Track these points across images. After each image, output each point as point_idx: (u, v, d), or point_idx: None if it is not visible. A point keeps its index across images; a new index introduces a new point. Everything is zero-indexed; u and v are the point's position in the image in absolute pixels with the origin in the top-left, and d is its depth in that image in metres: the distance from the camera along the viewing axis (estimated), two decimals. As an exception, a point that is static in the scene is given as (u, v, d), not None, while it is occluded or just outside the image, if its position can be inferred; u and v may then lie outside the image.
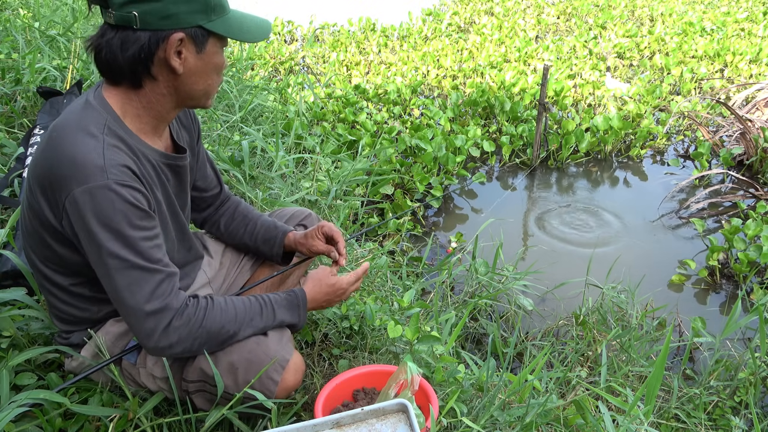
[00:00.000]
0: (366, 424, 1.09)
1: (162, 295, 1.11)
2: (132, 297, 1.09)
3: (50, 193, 1.08)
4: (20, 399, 1.17)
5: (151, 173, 1.19)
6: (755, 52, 5.62)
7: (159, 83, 1.14)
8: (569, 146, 3.88)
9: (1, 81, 2.77)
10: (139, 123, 1.17)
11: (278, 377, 1.24)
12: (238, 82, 3.63)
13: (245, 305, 1.23)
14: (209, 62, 1.16)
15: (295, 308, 1.31)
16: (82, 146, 1.05)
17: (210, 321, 1.17)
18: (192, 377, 1.26)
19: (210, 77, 1.19)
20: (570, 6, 8.58)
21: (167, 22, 1.07)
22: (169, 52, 1.09)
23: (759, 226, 2.80)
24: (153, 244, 1.11)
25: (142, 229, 1.09)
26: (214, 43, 1.15)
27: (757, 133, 3.65)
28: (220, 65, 1.19)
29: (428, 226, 3.26)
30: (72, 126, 1.08)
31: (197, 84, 1.17)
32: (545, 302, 2.53)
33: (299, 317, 1.32)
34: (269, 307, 1.27)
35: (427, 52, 6.00)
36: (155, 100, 1.16)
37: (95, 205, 1.04)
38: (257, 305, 1.25)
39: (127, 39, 1.07)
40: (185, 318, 1.13)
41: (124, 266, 1.07)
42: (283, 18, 7.57)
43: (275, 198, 2.51)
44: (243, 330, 1.22)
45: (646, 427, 1.38)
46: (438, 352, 1.60)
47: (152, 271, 1.10)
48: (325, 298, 1.39)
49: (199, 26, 1.11)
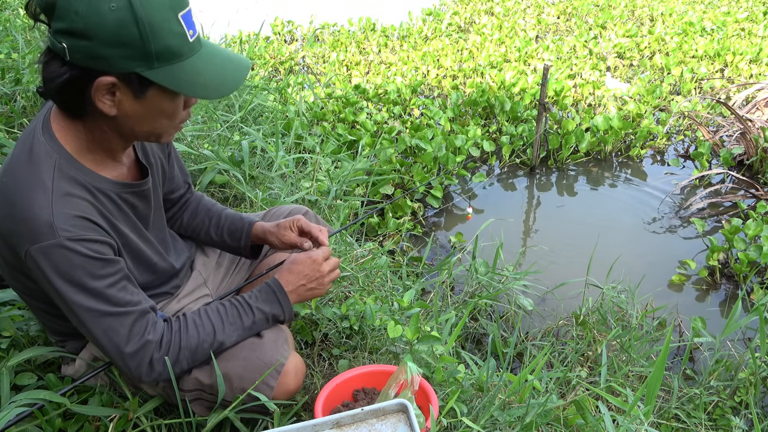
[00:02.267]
0: (366, 424, 1.09)
1: (138, 334, 1.10)
2: (110, 342, 1.08)
3: (9, 246, 1.05)
4: (20, 399, 1.17)
5: (110, 208, 1.13)
6: (755, 52, 5.61)
7: (97, 119, 1.04)
8: (569, 146, 3.88)
9: (1, 81, 2.76)
10: (92, 155, 1.09)
11: (274, 382, 1.23)
12: (238, 82, 3.62)
13: (220, 312, 1.22)
14: (152, 108, 1.02)
15: (273, 297, 1.27)
16: (31, 202, 0.99)
17: (187, 340, 1.16)
18: (188, 387, 1.26)
19: (155, 121, 1.05)
20: (570, 6, 8.57)
21: (96, 63, 0.95)
22: (95, 94, 0.97)
23: (759, 226, 2.80)
24: (119, 288, 1.09)
25: (105, 277, 1.06)
26: (158, 90, 1.00)
27: (757, 133, 3.65)
28: (169, 111, 1.04)
29: (428, 226, 3.26)
30: (21, 177, 1.01)
31: (139, 126, 1.05)
32: (545, 302, 2.53)
33: (281, 306, 1.28)
34: (245, 306, 1.24)
35: (427, 52, 6.00)
36: (99, 134, 1.07)
37: (52, 264, 1.01)
38: (233, 308, 1.23)
39: (56, 70, 0.96)
40: (164, 347, 1.13)
41: (95, 315, 1.06)
42: (283, 18, 7.57)
43: (275, 198, 2.51)
44: (227, 336, 1.21)
45: (646, 427, 1.38)
46: (438, 352, 1.60)
47: (124, 314, 1.08)
48: (300, 277, 1.31)
49: (135, 73, 0.97)
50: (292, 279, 1.31)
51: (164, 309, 1.37)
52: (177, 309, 1.38)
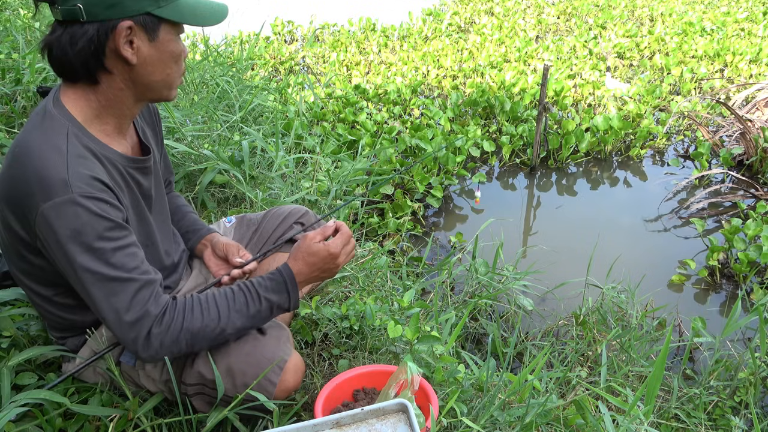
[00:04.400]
0: (366, 424, 1.09)
1: (140, 304, 1.09)
2: (110, 309, 1.07)
3: (19, 211, 1.06)
4: (20, 399, 1.17)
5: (118, 180, 1.16)
6: (755, 52, 5.62)
7: (115, 77, 1.11)
8: (569, 146, 3.88)
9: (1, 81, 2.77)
10: (102, 125, 1.15)
11: (276, 379, 1.23)
12: (238, 82, 3.63)
13: (228, 297, 1.19)
14: (164, 50, 1.12)
15: (282, 288, 1.24)
16: (46, 161, 1.03)
17: (189, 322, 1.14)
18: (190, 381, 1.26)
19: (168, 66, 1.14)
20: (570, 6, 8.57)
21: (113, 11, 1.03)
22: (119, 42, 1.06)
23: (759, 226, 2.80)
24: (126, 253, 1.08)
25: (112, 239, 1.06)
26: (167, 30, 1.11)
27: (757, 133, 3.65)
28: (177, 53, 1.15)
29: (428, 226, 3.26)
30: (35, 141, 1.05)
31: (154, 74, 1.13)
32: (545, 302, 2.53)
33: (289, 297, 1.25)
34: (253, 293, 1.21)
35: (427, 52, 6.00)
36: (114, 96, 1.13)
37: (62, 221, 1.02)
38: (241, 294, 1.21)
39: (75, 34, 1.04)
40: (164, 324, 1.11)
41: (98, 279, 1.06)
42: (283, 18, 7.57)
43: (275, 198, 2.51)
44: (230, 323, 1.18)
45: (646, 427, 1.38)
46: (438, 352, 1.60)
47: (127, 280, 1.08)
48: (313, 269, 1.29)
49: (148, 13, 1.07)
50: (306, 270, 1.27)
51: None
52: None
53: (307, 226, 1.74)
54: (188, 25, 1.13)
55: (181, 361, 1.27)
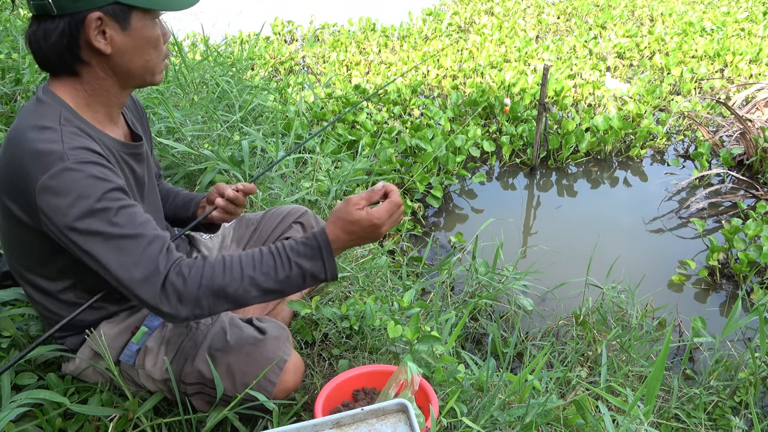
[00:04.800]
0: (366, 424, 1.09)
1: (150, 258, 1.04)
2: (121, 268, 1.03)
3: (18, 193, 1.05)
4: (20, 399, 1.17)
5: (113, 163, 1.14)
6: (755, 52, 5.62)
7: (94, 68, 1.10)
8: (569, 146, 3.88)
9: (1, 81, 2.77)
10: (93, 113, 1.14)
11: (276, 379, 1.23)
12: (238, 82, 3.63)
13: (254, 258, 1.10)
14: (139, 37, 1.10)
15: (317, 254, 1.12)
16: (40, 139, 1.03)
17: (209, 279, 1.06)
18: (190, 380, 1.26)
19: (145, 52, 1.13)
20: (570, 6, 8.57)
21: (81, 3, 1.03)
22: (90, 33, 1.05)
23: (759, 226, 2.80)
24: (130, 212, 1.06)
25: (114, 200, 1.04)
26: (140, 17, 1.09)
27: (757, 133, 3.65)
28: (154, 38, 1.13)
29: (428, 226, 3.26)
30: (28, 125, 1.06)
31: (132, 62, 1.12)
32: (545, 302, 2.53)
33: (324, 266, 1.12)
34: (283, 256, 1.11)
35: (427, 52, 6.00)
36: (98, 85, 1.13)
37: (61, 189, 1.01)
38: (270, 257, 1.11)
39: (47, 28, 1.05)
40: (181, 279, 1.05)
41: (104, 240, 1.03)
42: (283, 18, 7.57)
43: (275, 198, 2.51)
44: (255, 284, 1.09)
45: (646, 427, 1.38)
46: (438, 352, 1.60)
47: (134, 236, 1.04)
48: (352, 238, 1.15)
49: (116, 2, 1.06)
50: (344, 238, 1.14)
51: None
52: None
53: (306, 226, 1.74)
54: (160, 9, 1.12)
55: (180, 360, 1.27)
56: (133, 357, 1.28)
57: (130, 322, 1.31)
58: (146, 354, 1.29)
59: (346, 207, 1.14)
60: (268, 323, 1.33)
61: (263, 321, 1.34)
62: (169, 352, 1.29)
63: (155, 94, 2.85)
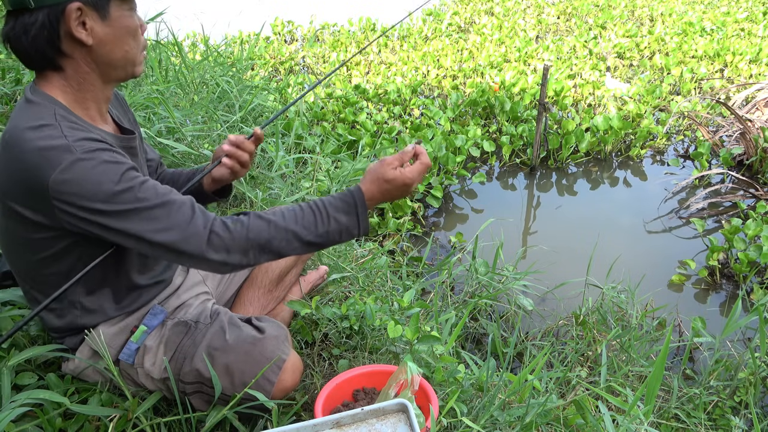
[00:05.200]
0: (366, 424, 1.09)
1: (186, 220, 1.08)
2: (162, 234, 1.06)
3: (28, 194, 1.05)
4: (20, 399, 1.17)
5: None
6: (755, 52, 5.62)
7: (77, 61, 1.10)
8: (569, 146, 3.88)
9: (1, 81, 2.77)
10: (83, 109, 1.14)
11: (274, 378, 1.23)
12: (238, 82, 3.63)
13: (296, 215, 1.17)
14: (119, 27, 1.11)
15: (351, 210, 1.20)
16: (41, 137, 1.02)
17: (255, 234, 1.12)
18: (188, 379, 1.26)
19: (125, 43, 1.13)
20: (570, 6, 8.57)
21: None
22: (71, 24, 1.05)
23: (759, 226, 2.80)
24: (149, 185, 1.07)
25: (130, 178, 1.05)
26: (117, 6, 1.10)
27: (757, 133, 3.65)
28: (133, 28, 1.14)
29: (428, 226, 3.26)
30: (24, 126, 1.05)
31: (114, 52, 1.12)
32: (545, 302, 2.53)
33: (358, 221, 1.20)
34: (323, 211, 1.18)
35: (427, 52, 6.01)
36: (82, 79, 1.12)
37: (77, 180, 1.01)
38: (310, 212, 1.17)
39: (26, 22, 1.04)
40: (226, 232, 1.10)
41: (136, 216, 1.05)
42: (283, 18, 7.57)
43: (275, 198, 2.51)
44: (298, 237, 1.15)
45: (646, 427, 1.38)
46: (438, 352, 1.60)
47: (163, 205, 1.07)
48: (385, 195, 1.25)
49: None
50: (378, 197, 1.24)
51: (164, 304, 1.37)
52: (177, 304, 1.38)
53: None
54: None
55: (179, 359, 1.27)
56: (132, 356, 1.28)
57: (129, 322, 1.31)
58: (145, 353, 1.29)
59: (381, 167, 1.23)
60: (267, 323, 1.33)
61: (262, 320, 1.34)
62: (168, 351, 1.29)
63: (155, 94, 2.85)
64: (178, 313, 1.36)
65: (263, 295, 1.67)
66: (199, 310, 1.37)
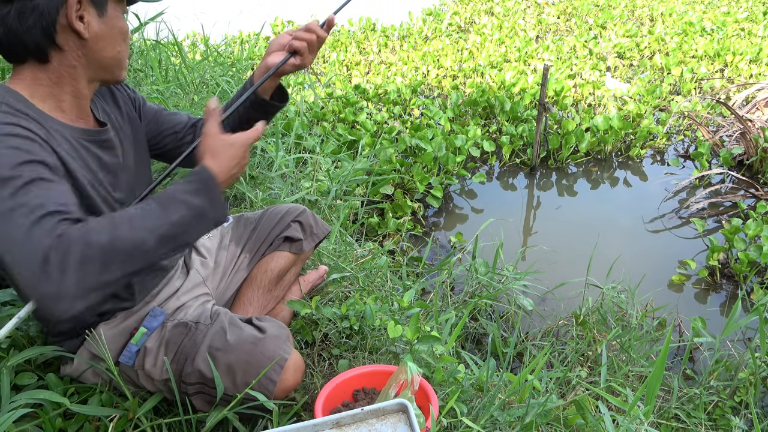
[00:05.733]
0: (366, 424, 1.09)
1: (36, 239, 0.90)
2: None
3: None
4: (20, 399, 1.17)
5: (66, 148, 1.08)
6: (755, 52, 5.62)
7: (66, 54, 1.08)
8: (569, 146, 3.88)
9: (2, 81, 2.77)
10: (55, 102, 1.10)
11: (277, 377, 1.23)
12: (238, 82, 3.63)
13: (142, 207, 1.01)
14: (113, 26, 1.12)
15: (202, 187, 1.07)
16: None
17: (96, 236, 0.92)
18: (191, 380, 1.26)
19: (117, 43, 1.14)
20: (570, 6, 8.58)
21: None
22: (71, 15, 1.04)
23: (759, 226, 2.80)
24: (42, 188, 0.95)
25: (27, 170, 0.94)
26: (114, 6, 1.12)
27: (757, 133, 3.65)
28: (124, 30, 1.16)
29: (428, 226, 3.26)
30: None
31: (106, 50, 1.12)
32: (545, 302, 2.53)
33: (208, 196, 1.07)
34: (166, 196, 1.04)
35: (427, 52, 6.01)
36: (66, 73, 1.10)
37: None
38: (152, 201, 1.03)
39: (23, 9, 1.02)
40: (61, 246, 0.89)
41: None
42: (283, 18, 7.57)
43: (275, 198, 2.51)
44: (144, 231, 0.97)
45: (646, 427, 1.38)
46: (438, 352, 1.60)
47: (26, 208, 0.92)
48: (231, 161, 1.13)
49: None
50: (225, 163, 1.12)
51: (164, 306, 1.37)
52: (177, 306, 1.38)
53: (305, 224, 1.73)
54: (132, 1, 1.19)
55: (180, 360, 1.27)
56: (133, 358, 1.28)
57: (129, 324, 1.31)
58: (145, 355, 1.29)
59: (211, 130, 1.14)
60: (268, 322, 1.33)
61: (263, 320, 1.33)
62: (168, 352, 1.29)
63: (155, 94, 2.85)
64: (178, 314, 1.36)
65: (263, 295, 1.67)
66: (199, 311, 1.37)
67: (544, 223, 3.36)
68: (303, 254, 1.75)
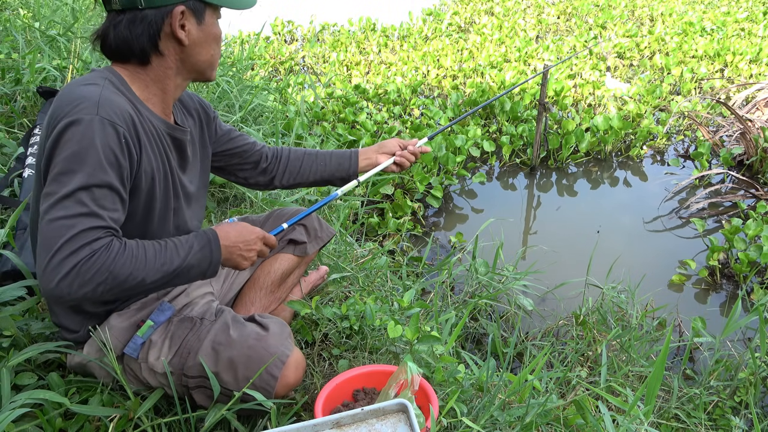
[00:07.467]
0: (366, 424, 1.09)
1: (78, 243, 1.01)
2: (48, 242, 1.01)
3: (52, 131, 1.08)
4: (20, 399, 1.17)
5: (151, 135, 1.20)
6: (755, 52, 5.62)
7: (166, 58, 1.21)
8: (569, 146, 3.88)
9: (1, 81, 2.77)
10: (147, 93, 1.23)
11: (278, 373, 1.24)
12: (239, 82, 3.63)
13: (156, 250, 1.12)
14: (209, 33, 1.24)
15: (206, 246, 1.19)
16: (82, 91, 1.10)
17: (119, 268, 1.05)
18: (192, 373, 1.26)
19: (212, 47, 1.26)
20: (570, 6, 8.58)
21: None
22: (174, 25, 1.17)
23: (759, 226, 2.80)
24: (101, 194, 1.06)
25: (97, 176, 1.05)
26: (210, 14, 1.23)
27: (757, 133, 3.65)
28: (218, 35, 1.27)
29: (428, 226, 3.26)
30: (75, 83, 1.14)
31: (201, 54, 1.24)
32: (545, 302, 2.53)
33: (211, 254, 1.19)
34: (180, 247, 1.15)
35: (427, 52, 6.01)
36: (163, 73, 1.23)
37: (74, 134, 1.05)
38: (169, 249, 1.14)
39: (134, 19, 1.15)
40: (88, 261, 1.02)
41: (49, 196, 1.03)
42: (283, 18, 7.57)
43: (275, 198, 2.51)
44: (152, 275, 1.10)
45: (646, 427, 1.38)
46: (438, 352, 1.60)
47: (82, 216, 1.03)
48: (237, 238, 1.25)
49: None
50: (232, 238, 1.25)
51: (174, 302, 1.37)
52: (185, 302, 1.39)
53: (309, 227, 1.74)
54: (227, 8, 1.27)
55: (184, 353, 1.28)
56: (137, 350, 1.29)
57: (139, 317, 1.32)
58: (150, 347, 1.29)
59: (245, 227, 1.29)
60: (270, 320, 1.33)
61: (265, 318, 1.34)
62: (173, 345, 1.30)
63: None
64: (184, 310, 1.37)
65: (265, 296, 1.67)
66: (204, 308, 1.38)
67: (544, 223, 3.36)
68: (307, 257, 1.75)
